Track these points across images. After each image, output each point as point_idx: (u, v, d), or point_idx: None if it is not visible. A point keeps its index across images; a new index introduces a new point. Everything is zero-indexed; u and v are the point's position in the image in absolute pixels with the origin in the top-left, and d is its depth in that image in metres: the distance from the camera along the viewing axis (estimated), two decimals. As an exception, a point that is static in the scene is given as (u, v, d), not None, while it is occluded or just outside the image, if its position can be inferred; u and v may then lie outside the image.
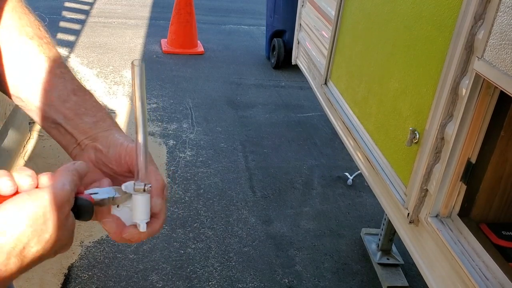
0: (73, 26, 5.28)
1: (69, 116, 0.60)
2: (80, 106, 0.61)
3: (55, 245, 0.47)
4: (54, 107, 0.60)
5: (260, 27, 6.02)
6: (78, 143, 0.60)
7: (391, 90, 1.49)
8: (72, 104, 0.60)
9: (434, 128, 1.18)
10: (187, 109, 3.70)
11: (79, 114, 0.60)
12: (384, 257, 2.25)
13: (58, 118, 0.60)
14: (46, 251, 0.47)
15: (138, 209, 0.54)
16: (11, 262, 0.43)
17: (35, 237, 0.45)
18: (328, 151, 3.28)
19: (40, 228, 0.45)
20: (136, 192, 0.54)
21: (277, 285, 2.11)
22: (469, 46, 1.08)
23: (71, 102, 0.60)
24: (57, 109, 0.60)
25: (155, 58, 4.72)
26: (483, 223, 1.16)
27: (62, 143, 0.61)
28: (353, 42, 1.91)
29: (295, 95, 4.20)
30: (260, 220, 2.51)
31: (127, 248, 2.20)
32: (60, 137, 0.61)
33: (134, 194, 0.54)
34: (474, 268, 1.02)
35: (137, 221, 0.54)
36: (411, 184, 1.29)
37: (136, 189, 0.54)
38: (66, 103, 0.60)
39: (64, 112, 0.60)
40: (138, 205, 0.54)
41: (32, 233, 0.44)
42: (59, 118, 0.60)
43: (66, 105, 0.60)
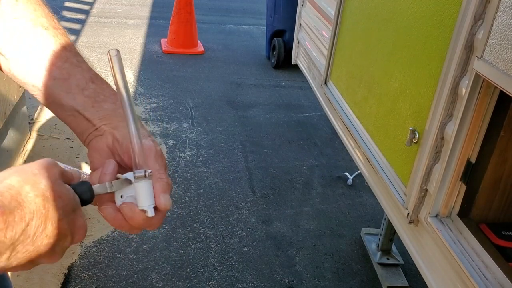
0: (73, 26, 5.28)
1: (88, 103, 0.60)
2: (99, 93, 0.61)
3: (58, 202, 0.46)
4: (72, 94, 0.60)
5: (260, 27, 6.02)
6: (96, 128, 0.60)
7: (391, 90, 1.49)
8: (91, 92, 0.61)
9: (434, 128, 1.18)
10: (187, 109, 3.70)
11: (98, 101, 0.61)
12: (384, 257, 2.25)
13: (76, 106, 0.60)
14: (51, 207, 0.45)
15: (143, 195, 0.54)
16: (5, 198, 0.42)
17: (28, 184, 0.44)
18: (328, 151, 3.28)
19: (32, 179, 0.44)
20: (137, 179, 0.54)
21: (277, 285, 2.11)
22: (469, 46, 1.08)
23: (90, 89, 0.61)
24: (75, 97, 0.60)
25: (155, 58, 4.72)
26: (483, 223, 1.16)
27: (77, 130, 0.61)
28: (353, 42, 1.91)
29: (295, 95, 4.20)
30: (260, 220, 2.51)
31: (127, 248, 2.20)
32: (76, 124, 0.61)
33: (136, 182, 0.54)
34: (474, 268, 1.02)
35: (144, 207, 0.54)
36: (410, 184, 1.29)
37: (137, 177, 0.54)
38: (85, 91, 0.60)
39: (83, 99, 0.60)
40: (142, 192, 0.54)
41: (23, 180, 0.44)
42: (78, 105, 0.60)
43: (85, 92, 0.60)
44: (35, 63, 0.60)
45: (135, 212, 0.54)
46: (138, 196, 0.54)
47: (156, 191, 0.55)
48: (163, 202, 0.55)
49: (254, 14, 6.75)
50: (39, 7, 0.62)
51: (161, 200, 0.55)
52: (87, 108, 0.60)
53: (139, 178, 0.54)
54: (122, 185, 0.55)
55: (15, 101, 2.62)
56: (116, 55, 0.52)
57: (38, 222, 0.44)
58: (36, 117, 3.20)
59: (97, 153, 0.59)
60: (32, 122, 3.12)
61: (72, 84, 0.60)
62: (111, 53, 0.51)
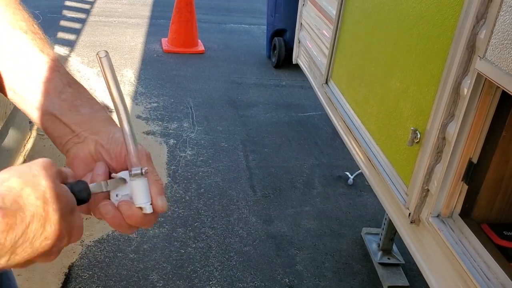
0: (74, 25, 5.28)
1: (65, 107, 0.59)
2: (76, 97, 0.60)
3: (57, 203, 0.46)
4: (50, 98, 0.59)
5: (260, 26, 6.02)
6: (76, 134, 0.59)
7: (392, 89, 1.49)
8: (68, 96, 0.60)
9: (436, 128, 1.18)
10: (187, 108, 3.70)
11: (75, 105, 0.60)
12: (385, 256, 2.24)
13: (53, 109, 0.59)
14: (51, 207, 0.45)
15: (139, 193, 0.54)
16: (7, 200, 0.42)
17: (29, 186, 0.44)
18: (329, 151, 3.27)
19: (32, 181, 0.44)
20: (134, 177, 0.54)
21: (277, 284, 2.11)
22: (471, 46, 1.08)
23: (67, 93, 0.60)
24: (52, 100, 0.59)
25: (155, 57, 4.71)
26: (485, 223, 1.15)
27: (54, 135, 0.60)
28: (354, 42, 1.90)
29: (296, 94, 4.20)
30: (260, 220, 2.51)
31: (127, 247, 2.20)
32: (52, 129, 0.60)
33: (132, 180, 0.54)
34: (476, 268, 1.02)
35: (141, 204, 0.54)
36: (412, 184, 1.28)
37: (133, 175, 0.54)
38: (62, 94, 0.60)
39: (60, 103, 0.59)
40: (138, 190, 0.54)
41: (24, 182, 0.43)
42: (55, 109, 0.59)
43: (62, 96, 0.59)
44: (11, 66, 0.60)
45: (133, 209, 0.54)
46: (135, 194, 0.55)
47: (153, 194, 0.55)
48: (160, 204, 0.56)
49: (254, 14, 6.74)
50: (18, 11, 0.62)
51: (158, 202, 0.55)
52: (64, 112, 0.59)
53: (135, 176, 0.54)
54: (117, 184, 0.55)
55: (16, 101, 2.61)
56: (105, 56, 0.51)
57: (37, 225, 0.44)
58: (37, 117, 3.20)
59: (79, 161, 0.58)
60: (32, 122, 3.12)
61: (50, 88, 0.59)
62: (100, 54, 0.51)
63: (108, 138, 0.58)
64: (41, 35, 0.63)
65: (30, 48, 0.60)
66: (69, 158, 0.59)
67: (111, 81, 0.52)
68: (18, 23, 0.61)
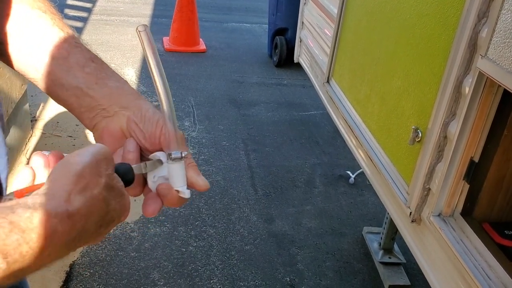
0: (75, 24, 5.28)
1: (90, 80, 0.57)
2: (99, 71, 0.58)
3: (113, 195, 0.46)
4: (73, 72, 0.57)
5: (262, 25, 6.01)
6: (104, 108, 0.57)
7: (394, 88, 1.48)
8: (92, 69, 0.58)
9: (437, 126, 1.18)
10: (189, 107, 3.70)
11: (100, 78, 0.58)
12: (386, 255, 2.24)
13: (78, 83, 0.57)
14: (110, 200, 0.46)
15: (177, 177, 0.54)
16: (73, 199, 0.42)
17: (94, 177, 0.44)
18: (330, 150, 3.27)
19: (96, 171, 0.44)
20: (173, 161, 0.53)
21: (278, 283, 2.11)
22: (473, 44, 1.07)
23: (91, 67, 0.58)
24: (76, 74, 0.57)
25: (157, 56, 4.71)
26: (486, 222, 1.15)
27: (81, 109, 0.57)
28: (355, 40, 1.90)
29: (298, 93, 4.19)
30: (261, 219, 2.51)
31: (128, 246, 2.20)
32: (78, 103, 0.57)
33: (170, 163, 0.54)
34: (477, 267, 1.01)
35: (178, 188, 0.54)
36: (413, 183, 1.28)
37: (173, 158, 0.53)
38: (85, 68, 0.58)
39: (84, 76, 0.57)
40: (176, 173, 0.54)
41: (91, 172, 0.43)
42: (80, 82, 0.57)
43: (85, 69, 0.57)
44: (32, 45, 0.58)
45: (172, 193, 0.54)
46: (173, 178, 0.54)
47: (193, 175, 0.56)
48: (202, 183, 0.56)
49: (256, 12, 6.74)
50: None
51: (199, 182, 0.56)
52: (91, 86, 0.57)
53: (175, 160, 0.53)
54: (154, 166, 0.54)
55: (17, 99, 2.62)
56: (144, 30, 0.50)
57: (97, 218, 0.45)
58: (38, 115, 3.21)
59: (109, 136, 0.56)
60: (34, 120, 3.13)
61: (72, 62, 0.58)
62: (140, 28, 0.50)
63: (141, 115, 0.56)
64: (59, 15, 0.62)
65: (49, 27, 0.59)
66: (98, 132, 0.58)
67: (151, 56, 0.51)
68: (36, 4, 0.60)
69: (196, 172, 0.56)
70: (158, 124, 0.56)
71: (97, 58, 0.60)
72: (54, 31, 0.59)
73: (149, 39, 0.51)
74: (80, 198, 0.42)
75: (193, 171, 0.56)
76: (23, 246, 0.38)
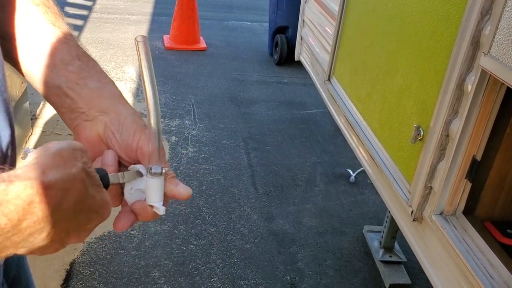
0: (76, 22, 5.27)
1: (71, 79, 0.57)
2: (83, 70, 0.58)
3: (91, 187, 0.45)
4: (56, 70, 0.57)
5: (263, 23, 6.00)
6: (83, 112, 0.56)
7: (396, 86, 1.48)
8: (75, 68, 0.57)
9: (439, 125, 1.17)
10: (189, 106, 3.69)
11: (82, 77, 0.57)
12: (387, 254, 2.24)
13: (60, 82, 0.56)
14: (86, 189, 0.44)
15: (155, 192, 0.54)
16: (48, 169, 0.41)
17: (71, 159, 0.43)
18: (331, 148, 3.26)
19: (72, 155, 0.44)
20: (153, 176, 0.53)
21: (279, 282, 2.10)
22: (475, 42, 1.06)
23: (75, 65, 0.57)
24: (59, 72, 0.57)
25: (157, 54, 4.71)
26: (488, 221, 1.15)
27: (61, 110, 0.57)
28: (356, 38, 1.89)
29: (298, 91, 4.19)
30: (262, 217, 2.50)
31: (129, 244, 2.20)
32: (60, 103, 0.57)
33: (149, 177, 0.53)
34: (479, 266, 1.01)
35: (153, 203, 0.54)
36: (415, 181, 1.28)
37: (153, 173, 0.53)
38: (69, 66, 0.57)
39: (66, 75, 0.57)
40: (154, 188, 0.54)
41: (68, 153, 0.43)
42: (61, 81, 0.56)
43: (68, 68, 0.57)
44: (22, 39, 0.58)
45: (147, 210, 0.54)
46: (150, 192, 0.54)
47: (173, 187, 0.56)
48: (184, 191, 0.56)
49: (256, 11, 6.73)
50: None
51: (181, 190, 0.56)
52: (71, 86, 0.57)
53: (155, 174, 0.53)
54: (132, 177, 0.54)
55: (17, 97, 2.61)
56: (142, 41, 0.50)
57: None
58: (38, 113, 3.20)
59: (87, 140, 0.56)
60: (34, 118, 3.12)
61: (57, 60, 0.57)
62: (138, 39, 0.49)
63: (118, 123, 0.56)
64: (54, 9, 0.61)
65: (41, 21, 0.58)
66: (77, 135, 0.57)
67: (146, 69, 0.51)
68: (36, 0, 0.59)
69: (174, 184, 0.56)
70: (135, 136, 0.55)
71: (84, 56, 0.59)
72: (43, 26, 0.58)
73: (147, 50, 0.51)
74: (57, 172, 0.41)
75: (172, 184, 0.56)
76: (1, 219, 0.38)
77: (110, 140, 0.56)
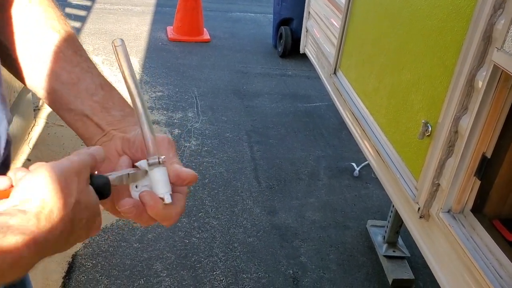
0: (79, 13, 5.24)
1: (96, 108, 0.60)
2: (107, 100, 0.61)
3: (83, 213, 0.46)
4: (81, 99, 0.59)
5: (267, 15, 5.95)
6: (104, 134, 0.59)
7: (403, 81, 1.45)
8: (100, 98, 0.60)
9: (448, 121, 1.15)
10: (192, 98, 3.67)
11: (107, 108, 0.60)
12: (390, 249, 2.23)
13: (85, 110, 0.59)
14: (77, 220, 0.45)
15: (159, 182, 0.53)
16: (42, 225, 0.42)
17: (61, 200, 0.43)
18: (335, 142, 3.24)
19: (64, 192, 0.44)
20: (151, 167, 0.53)
21: (281, 276, 2.10)
22: (487, 37, 1.04)
23: (99, 95, 0.60)
24: (84, 102, 0.59)
25: (160, 46, 4.67)
26: (497, 219, 1.13)
27: (85, 135, 0.60)
28: (363, 31, 1.86)
29: (302, 84, 4.16)
30: (265, 211, 2.49)
31: (131, 237, 2.19)
32: (84, 129, 0.60)
33: (150, 170, 0.53)
34: (487, 265, 0.99)
35: (161, 195, 0.53)
36: (422, 178, 1.26)
37: (151, 164, 0.53)
38: (94, 96, 0.60)
39: (91, 104, 0.60)
40: (157, 179, 0.53)
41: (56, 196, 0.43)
42: (86, 110, 0.59)
43: (94, 98, 0.60)
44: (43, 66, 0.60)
45: (154, 199, 0.53)
46: (154, 184, 0.53)
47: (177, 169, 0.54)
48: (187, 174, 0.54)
49: (261, 2, 6.67)
50: (51, 9, 0.61)
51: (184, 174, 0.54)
52: (96, 113, 0.59)
53: (153, 165, 0.53)
54: (137, 177, 0.54)
55: (20, 88, 2.60)
56: (121, 45, 0.51)
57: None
58: (41, 104, 3.19)
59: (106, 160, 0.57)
60: (37, 109, 3.11)
61: (81, 89, 0.60)
62: (116, 43, 0.51)
63: (134, 133, 0.58)
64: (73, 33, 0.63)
65: (62, 48, 0.60)
66: None
67: (126, 70, 0.52)
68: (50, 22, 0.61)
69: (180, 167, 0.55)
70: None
71: (106, 84, 0.62)
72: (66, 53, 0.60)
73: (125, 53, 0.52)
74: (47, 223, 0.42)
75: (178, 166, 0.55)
76: None
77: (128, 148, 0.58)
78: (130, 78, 0.52)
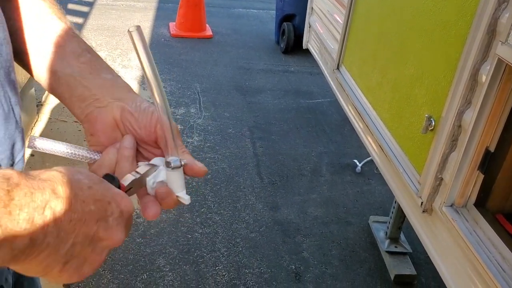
0: (81, 8, 5.24)
1: (84, 69, 0.56)
2: (94, 62, 0.57)
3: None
4: (67, 61, 0.56)
5: (269, 11, 5.94)
6: (97, 98, 0.55)
7: (407, 75, 1.45)
8: (87, 59, 0.57)
9: (451, 115, 1.15)
10: (195, 94, 3.67)
11: (94, 69, 0.56)
12: (392, 245, 2.23)
13: (72, 72, 0.55)
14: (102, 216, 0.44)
15: (176, 183, 0.53)
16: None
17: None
18: (337, 138, 3.24)
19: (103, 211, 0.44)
20: (173, 168, 0.53)
21: (283, 271, 2.10)
22: (491, 31, 1.04)
23: (86, 57, 0.57)
24: (70, 63, 0.56)
25: (163, 42, 4.67)
26: (500, 213, 1.13)
27: (72, 98, 0.56)
28: (367, 26, 1.86)
29: (305, 80, 4.15)
30: (267, 207, 2.49)
31: (134, 231, 2.20)
32: (71, 91, 0.56)
33: (169, 170, 0.53)
34: (491, 259, 0.99)
35: (179, 194, 0.54)
36: (425, 172, 1.26)
37: (173, 166, 0.52)
38: (80, 58, 0.56)
39: (78, 65, 0.56)
40: (175, 180, 0.53)
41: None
42: (74, 71, 0.55)
43: (80, 59, 0.56)
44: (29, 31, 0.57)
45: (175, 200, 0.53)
46: (172, 184, 0.54)
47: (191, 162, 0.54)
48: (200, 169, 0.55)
49: (263, -2, 6.65)
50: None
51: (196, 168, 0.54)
52: (85, 75, 0.56)
53: (175, 167, 0.53)
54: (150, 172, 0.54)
55: (23, 84, 2.60)
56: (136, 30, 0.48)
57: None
58: (44, 100, 3.19)
59: (102, 127, 0.55)
60: (40, 105, 3.11)
61: (68, 51, 0.56)
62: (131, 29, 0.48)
63: (135, 105, 0.55)
64: (58, 6, 0.61)
65: (47, 14, 0.58)
66: (90, 123, 0.56)
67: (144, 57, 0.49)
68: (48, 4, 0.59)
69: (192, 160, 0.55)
70: (153, 116, 0.55)
71: (92, 50, 0.59)
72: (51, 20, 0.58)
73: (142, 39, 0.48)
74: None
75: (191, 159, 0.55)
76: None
77: (129, 121, 0.55)
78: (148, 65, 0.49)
